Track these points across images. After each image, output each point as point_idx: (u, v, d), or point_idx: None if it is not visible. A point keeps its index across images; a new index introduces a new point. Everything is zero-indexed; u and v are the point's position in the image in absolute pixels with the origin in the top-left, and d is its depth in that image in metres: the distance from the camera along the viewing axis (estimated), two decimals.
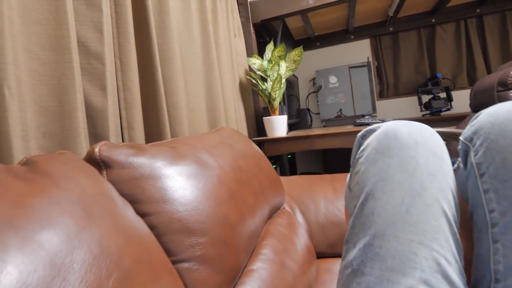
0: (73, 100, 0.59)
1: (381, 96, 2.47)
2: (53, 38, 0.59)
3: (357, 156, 0.47)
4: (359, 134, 0.50)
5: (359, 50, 2.43)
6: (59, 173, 0.32)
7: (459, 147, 0.42)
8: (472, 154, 0.39)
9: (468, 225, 0.43)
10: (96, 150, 0.43)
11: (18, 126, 0.49)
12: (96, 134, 0.68)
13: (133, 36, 0.80)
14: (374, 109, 2.13)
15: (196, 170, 0.53)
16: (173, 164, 0.50)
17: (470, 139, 0.40)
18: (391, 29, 2.33)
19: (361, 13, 2.10)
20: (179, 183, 0.48)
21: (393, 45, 2.44)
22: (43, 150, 0.56)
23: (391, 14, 2.09)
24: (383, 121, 1.55)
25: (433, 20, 2.23)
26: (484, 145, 0.37)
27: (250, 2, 1.59)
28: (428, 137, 0.42)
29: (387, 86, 2.46)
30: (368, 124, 1.49)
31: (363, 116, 2.09)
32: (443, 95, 2.24)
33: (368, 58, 2.22)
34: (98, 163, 0.43)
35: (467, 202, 0.42)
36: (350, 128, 1.39)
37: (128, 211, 0.38)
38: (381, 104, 2.42)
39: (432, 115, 2.14)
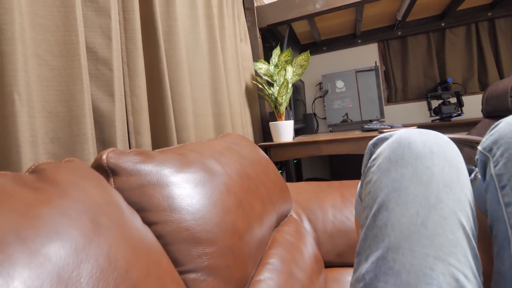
0: (82, 106, 0.60)
1: (389, 101, 2.45)
2: (62, 44, 0.60)
3: (368, 165, 0.46)
4: (371, 142, 0.49)
5: (367, 55, 2.41)
6: (67, 182, 0.32)
7: (477, 157, 0.41)
8: (491, 165, 0.38)
9: (487, 239, 0.42)
10: (104, 157, 0.43)
11: (27, 132, 0.49)
12: (104, 139, 0.68)
13: (141, 41, 0.81)
14: (382, 114, 2.11)
15: (203, 178, 0.52)
16: (180, 171, 0.50)
17: (490, 149, 0.38)
18: (399, 33, 2.32)
19: (368, 17, 2.09)
20: (187, 191, 0.48)
21: (401, 50, 2.42)
22: (51, 155, 0.56)
23: (399, 18, 2.08)
24: (391, 126, 1.53)
25: (442, 24, 2.21)
26: (505, 155, 0.36)
27: (256, 7, 1.60)
28: (444, 147, 0.40)
29: (395, 91, 2.44)
30: (376, 130, 1.48)
31: (370, 121, 2.07)
32: (453, 100, 2.21)
33: (376, 62, 2.20)
34: (106, 171, 0.43)
35: (485, 215, 0.41)
36: (358, 133, 1.38)
37: (136, 221, 0.38)
38: (389, 109, 2.40)
39: (442, 121, 2.11)
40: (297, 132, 1.92)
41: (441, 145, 0.40)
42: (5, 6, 0.49)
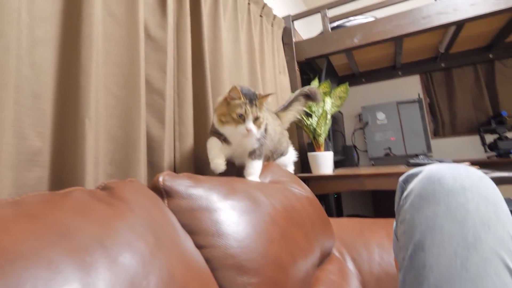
0: (138, 131, 0.66)
1: (436, 134, 2.34)
2: (126, 77, 0.68)
3: (401, 202, 0.46)
4: (401, 178, 0.49)
5: (409, 86, 2.37)
6: (132, 200, 0.35)
7: None
8: None
9: None
10: (160, 179, 0.46)
11: (92, 153, 0.55)
12: (152, 162, 0.73)
13: (191, 74, 0.89)
14: (428, 148, 2.01)
15: (249, 206, 0.53)
16: (227, 198, 0.52)
17: None
18: (442, 65, 2.27)
19: (409, 50, 2.09)
20: (233, 218, 0.49)
21: (446, 81, 2.35)
22: (108, 176, 0.62)
23: (442, 51, 2.05)
24: (440, 162, 1.45)
25: (490, 56, 2.13)
26: None
27: (295, 42, 1.68)
28: (477, 182, 0.39)
29: (443, 124, 2.33)
30: (423, 165, 1.40)
31: (416, 155, 1.98)
32: (510, 134, 2.05)
33: (419, 94, 2.15)
34: (161, 192, 0.46)
35: None
36: (403, 168, 1.32)
37: (188, 243, 0.39)
38: (436, 143, 2.28)
39: (500, 157, 1.95)
40: (336, 164, 1.88)
41: (474, 180, 0.39)
42: (87, 46, 0.58)
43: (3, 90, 0.46)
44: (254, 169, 0.77)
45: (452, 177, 0.40)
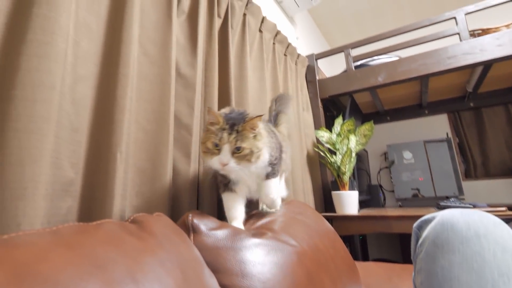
0: (164, 165, 0.68)
1: (467, 176, 2.23)
2: (156, 113, 0.73)
3: (416, 251, 0.46)
4: (415, 225, 0.48)
5: (436, 126, 2.33)
6: (162, 235, 0.36)
7: None
8: None
9: None
10: (190, 216, 0.47)
11: (121, 186, 0.57)
12: (176, 196, 0.74)
13: (217, 110, 0.92)
14: (460, 190, 1.90)
15: (275, 246, 0.52)
16: (253, 237, 0.51)
17: None
18: (471, 104, 2.23)
19: (435, 88, 2.08)
20: (259, 258, 0.48)
21: (476, 121, 2.29)
22: (134, 207, 0.63)
23: (470, 90, 2.03)
24: (474, 206, 1.36)
25: None
26: None
27: (318, 80, 1.73)
28: (492, 228, 0.38)
29: (474, 165, 2.23)
30: (455, 208, 1.33)
31: (447, 198, 1.88)
32: None
33: (447, 134, 2.10)
34: (188, 228, 0.46)
35: None
36: (434, 211, 1.25)
37: (213, 282, 0.39)
38: (468, 185, 2.16)
39: None
40: (361, 204, 1.82)
41: (488, 227, 0.39)
42: (123, 84, 0.63)
43: (45, 123, 0.50)
44: (271, 189, 0.66)
45: (466, 223, 0.40)
